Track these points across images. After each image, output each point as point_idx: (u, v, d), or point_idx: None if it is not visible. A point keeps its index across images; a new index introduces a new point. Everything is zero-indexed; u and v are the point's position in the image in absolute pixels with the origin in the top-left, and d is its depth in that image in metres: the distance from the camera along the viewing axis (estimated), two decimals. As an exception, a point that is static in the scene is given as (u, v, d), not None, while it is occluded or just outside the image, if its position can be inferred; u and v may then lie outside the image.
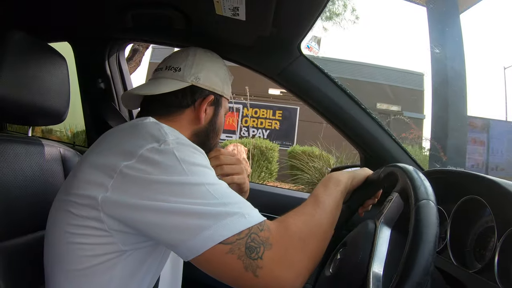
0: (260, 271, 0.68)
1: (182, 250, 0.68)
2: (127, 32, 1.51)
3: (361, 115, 1.36)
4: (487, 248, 0.85)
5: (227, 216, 0.69)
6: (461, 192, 0.95)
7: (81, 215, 0.74)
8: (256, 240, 0.69)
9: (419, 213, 0.60)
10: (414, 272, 0.53)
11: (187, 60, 1.05)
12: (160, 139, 0.77)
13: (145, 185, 0.70)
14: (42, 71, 1.06)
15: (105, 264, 0.77)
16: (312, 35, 1.20)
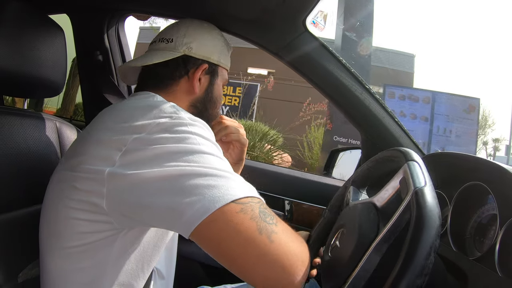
0: (275, 236, 0.65)
1: (187, 216, 0.64)
2: (126, 3, 1.49)
3: (364, 95, 1.34)
4: (487, 236, 0.85)
5: (236, 181, 0.69)
6: (463, 177, 0.94)
7: (84, 189, 0.73)
8: (269, 210, 0.69)
9: (419, 199, 0.60)
10: (419, 253, 0.54)
11: (179, 31, 1.04)
12: (174, 114, 0.76)
13: (154, 156, 0.69)
14: (39, 42, 1.04)
15: (101, 242, 0.76)
16: (318, 10, 1.16)
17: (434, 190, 0.63)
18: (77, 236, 0.76)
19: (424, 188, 0.62)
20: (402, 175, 0.70)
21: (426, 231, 0.55)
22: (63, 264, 0.80)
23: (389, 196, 0.73)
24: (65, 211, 0.76)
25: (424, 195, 0.60)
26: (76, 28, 1.65)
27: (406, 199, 0.64)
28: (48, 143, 1.10)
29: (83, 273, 0.79)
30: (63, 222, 0.77)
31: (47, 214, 0.84)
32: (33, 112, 1.12)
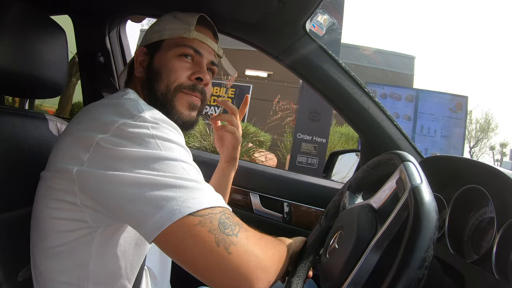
0: (234, 248, 0.66)
1: (148, 225, 0.65)
2: (128, 5, 1.50)
3: (364, 98, 1.35)
4: (485, 239, 0.85)
5: (198, 191, 0.68)
6: (461, 180, 0.95)
7: (59, 188, 0.75)
8: (231, 219, 0.69)
9: (416, 195, 0.61)
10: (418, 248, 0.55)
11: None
12: (136, 114, 0.76)
13: (118, 158, 0.70)
14: (41, 43, 1.05)
15: (80, 240, 0.78)
16: (318, 14, 1.17)
17: (430, 188, 0.64)
18: (58, 235, 0.77)
19: (421, 185, 0.63)
20: (398, 175, 0.71)
21: (425, 224, 0.57)
22: (49, 265, 0.81)
23: (386, 197, 0.74)
24: (45, 211, 0.78)
25: (421, 191, 0.62)
26: (78, 30, 1.65)
27: (403, 197, 0.65)
28: (49, 144, 1.10)
29: (68, 273, 0.81)
30: (44, 221, 0.79)
31: (33, 215, 0.86)
32: (35, 112, 1.12)
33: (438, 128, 6.21)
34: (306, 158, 5.92)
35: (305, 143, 5.94)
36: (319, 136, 5.96)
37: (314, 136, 5.95)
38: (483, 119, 16.90)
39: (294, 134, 6.11)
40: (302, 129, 6.00)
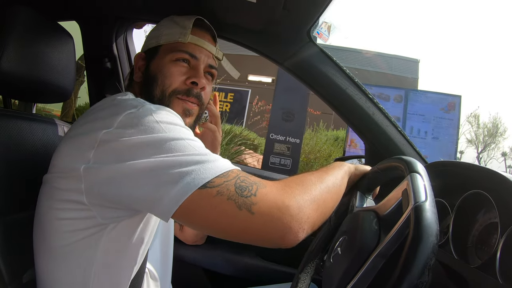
0: (255, 207, 0.66)
1: (164, 203, 0.66)
2: (135, 12, 1.51)
3: (368, 104, 1.35)
4: (489, 244, 0.85)
5: (208, 162, 0.70)
6: (465, 185, 0.95)
7: (64, 188, 0.76)
8: (247, 180, 0.69)
9: (418, 215, 0.61)
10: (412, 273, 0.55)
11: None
12: (138, 105, 0.78)
13: (125, 148, 0.71)
14: (49, 48, 1.06)
15: (88, 239, 0.78)
16: (322, 21, 1.18)
17: (434, 205, 0.64)
18: (63, 235, 0.78)
19: (424, 204, 0.63)
20: (405, 187, 0.71)
21: (422, 249, 0.56)
22: (53, 266, 0.82)
23: (391, 206, 0.75)
24: (49, 212, 0.79)
25: (423, 212, 0.61)
26: (85, 35, 1.67)
27: (406, 213, 0.65)
28: (55, 147, 1.11)
29: (72, 274, 0.81)
30: (48, 223, 0.79)
31: (37, 218, 0.86)
32: (42, 116, 1.14)
33: (429, 129, 5.89)
34: (279, 158, 5.78)
35: (278, 144, 5.80)
36: (292, 136, 5.84)
37: (287, 137, 5.82)
38: (491, 124, 16.68)
39: (267, 134, 5.99)
40: (275, 129, 5.86)
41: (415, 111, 5.93)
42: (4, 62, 0.93)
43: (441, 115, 5.90)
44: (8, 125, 0.97)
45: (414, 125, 5.85)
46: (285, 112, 5.83)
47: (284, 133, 5.82)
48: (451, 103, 5.95)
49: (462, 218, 0.93)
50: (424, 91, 6.53)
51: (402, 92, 6.07)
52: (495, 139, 16.86)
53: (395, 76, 13.67)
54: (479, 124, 16.38)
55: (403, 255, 0.58)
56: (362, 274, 0.66)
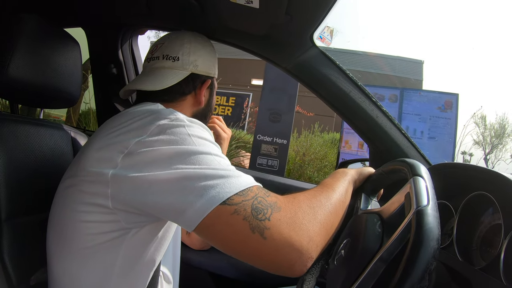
0: (267, 232, 0.67)
1: (189, 215, 0.68)
2: (140, 19, 1.53)
3: (371, 107, 1.36)
4: (493, 245, 0.85)
5: (232, 177, 0.71)
6: (469, 187, 0.95)
7: (90, 192, 0.77)
8: (263, 202, 0.70)
9: (419, 220, 0.62)
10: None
11: (184, 48, 1.09)
12: (172, 117, 0.80)
13: (154, 158, 0.73)
14: (55, 55, 1.08)
15: (110, 243, 0.79)
16: (325, 26, 1.19)
17: (437, 209, 0.64)
18: (86, 238, 0.79)
19: (426, 208, 0.63)
20: (408, 190, 0.71)
21: (422, 255, 0.57)
22: (71, 267, 0.82)
23: (395, 209, 0.75)
24: (73, 215, 0.79)
25: (425, 216, 0.62)
26: (91, 42, 1.69)
27: (408, 216, 0.65)
28: (63, 152, 1.13)
29: (91, 276, 0.82)
30: (71, 226, 0.80)
31: (54, 220, 0.87)
32: (49, 121, 1.15)
33: (425, 129, 5.69)
34: (266, 160, 5.75)
35: (265, 145, 5.82)
36: (280, 137, 5.80)
37: (274, 138, 5.78)
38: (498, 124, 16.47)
39: (254, 135, 6.00)
40: (262, 130, 5.82)
41: (410, 111, 5.78)
42: (12, 69, 0.95)
43: (437, 114, 5.74)
44: (16, 130, 0.99)
45: (410, 125, 5.69)
46: (272, 113, 5.80)
47: (271, 134, 5.80)
48: (448, 101, 5.79)
49: (466, 220, 0.93)
50: (419, 90, 6.44)
51: (397, 91, 5.92)
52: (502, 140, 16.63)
53: (399, 78, 13.55)
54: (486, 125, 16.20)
55: (403, 259, 0.58)
56: (364, 277, 0.66)
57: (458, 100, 5.78)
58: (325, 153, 7.78)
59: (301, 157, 7.74)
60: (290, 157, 7.41)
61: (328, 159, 7.69)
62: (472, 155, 15.73)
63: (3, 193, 0.92)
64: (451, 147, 5.64)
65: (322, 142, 8.30)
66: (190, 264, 1.59)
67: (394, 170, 0.88)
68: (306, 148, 7.83)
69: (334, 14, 1.09)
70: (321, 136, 8.91)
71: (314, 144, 7.97)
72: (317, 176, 7.40)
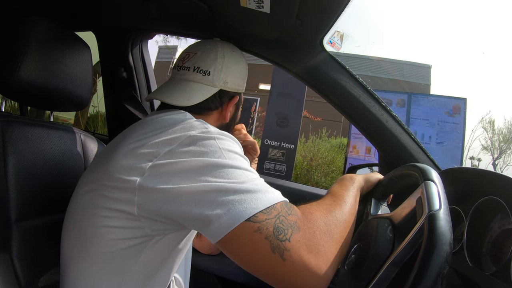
0: (287, 254, 0.67)
1: (214, 227, 0.68)
2: (151, 23, 1.54)
3: (381, 112, 1.35)
4: (503, 251, 0.84)
5: (259, 192, 0.71)
6: (479, 192, 0.94)
7: (115, 198, 0.76)
8: (285, 222, 0.70)
9: (431, 224, 0.62)
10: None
11: (217, 63, 1.06)
12: (203, 129, 0.80)
13: (183, 169, 0.73)
14: (66, 58, 1.09)
15: (132, 249, 0.79)
16: (335, 31, 1.19)
17: (449, 214, 0.64)
18: (108, 243, 0.79)
19: (438, 212, 0.63)
20: (419, 195, 0.71)
21: (435, 259, 0.57)
22: (90, 272, 0.82)
23: (406, 214, 0.75)
24: (94, 219, 0.79)
25: (437, 220, 0.62)
26: (102, 46, 1.71)
27: (420, 221, 0.65)
28: (73, 155, 1.13)
29: (109, 280, 0.82)
30: (92, 230, 0.79)
31: (72, 223, 0.86)
32: (59, 124, 1.16)
33: (433, 134, 5.63)
34: (273, 164, 5.72)
35: (273, 149, 5.79)
36: (287, 142, 5.77)
37: (282, 142, 5.79)
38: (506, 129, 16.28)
39: (262, 140, 5.97)
40: (270, 135, 5.80)
41: (418, 116, 5.74)
42: (23, 71, 0.96)
43: (445, 119, 5.70)
44: (26, 132, 1.00)
45: (418, 129, 5.64)
46: (279, 117, 5.78)
47: (278, 139, 5.77)
48: (456, 106, 5.73)
49: (476, 225, 0.93)
50: (427, 95, 6.34)
51: (404, 96, 5.90)
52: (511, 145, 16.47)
53: (407, 83, 13.53)
54: (494, 130, 16.03)
55: (416, 263, 0.58)
56: (376, 282, 0.66)
57: (466, 105, 5.71)
58: (332, 158, 7.77)
59: (308, 162, 7.73)
60: (297, 162, 7.40)
61: (336, 164, 7.68)
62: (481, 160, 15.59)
63: (13, 195, 0.92)
64: (459, 152, 5.57)
65: (329, 147, 8.29)
66: (199, 268, 1.59)
67: (405, 175, 0.87)
68: (313, 153, 7.83)
69: (344, 19, 1.09)
70: (329, 141, 8.90)
71: (322, 149, 7.96)
72: (325, 181, 7.38)
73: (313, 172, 7.56)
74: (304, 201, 0.83)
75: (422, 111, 5.74)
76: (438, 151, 5.53)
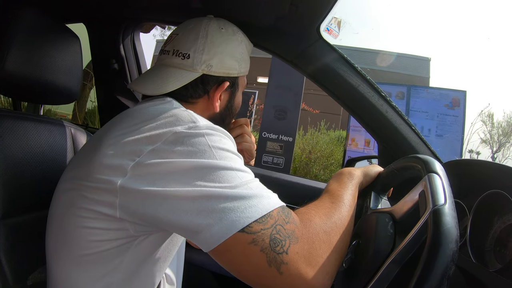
0: (284, 267, 0.63)
1: (205, 237, 0.64)
2: (142, 12, 1.51)
3: (381, 102, 1.32)
4: (508, 247, 0.81)
5: (253, 198, 0.66)
6: (483, 185, 0.91)
7: (95, 199, 0.71)
8: (282, 232, 0.66)
9: (436, 220, 0.58)
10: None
11: (197, 44, 0.95)
12: (190, 123, 0.73)
13: (169, 171, 0.67)
14: (55, 50, 1.06)
15: (115, 250, 0.75)
16: (332, 17, 1.15)
17: (454, 209, 0.61)
18: (89, 244, 0.74)
19: (443, 207, 0.60)
20: (422, 188, 0.68)
21: (441, 258, 0.54)
22: (73, 273, 0.78)
23: (408, 209, 0.72)
24: (74, 219, 0.74)
25: (442, 216, 0.58)
26: (92, 37, 1.68)
27: (423, 216, 0.62)
28: (62, 149, 1.11)
29: (94, 282, 0.78)
30: (72, 230, 0.75)
31: (54, 222, 0.82)
32: (48, 118, 1.13)
33: (433, 126, 5.65)
34: (272, 157, 5.67)
35: (271, 142, 5.73)
36: (285, 134, 5.70)
37: (280, 135, 5.73)
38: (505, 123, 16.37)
39: (260, 133, 5.88)
40: (268, 128, 5.75)
41: (418, 108, 5.77)
42: (10, 63, 0.93)
43: (445, 112, 5.72)
44: (14, 126, 0.97)
45: (417, 122, 5.62)
46: (277, 110, 5.75)
47: (276, 132, 5.75)
48: (455, 98, 5.75)
49: (480, 219, 0.90)
50: (426, 87, 6.42)
51: (404, 88, 5.92)
52: (510, 138, 16.54)
53: (407, 75, 13.59)
54: (493, 123, 16.11)
55: (420, 262, 0.54)
56: (376, 281, 0.63)
57: (466, 98, 5.75)
58: (331, 151, 7.82)
59: (307, 154, 7.76)
60: (296, 154, 7.43)
61: (335, 157, 7.72)
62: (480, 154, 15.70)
63: (1, 191, 0.89)
64: (459, 145, 5.61)
65: (328, 140, 8.34)
66: (192, 264, 1.57)
67: (406, 167, 0.84)
68: (312, 145, 7.86)
69: (341, 5, 1.06)
70: (327, 134, 8.95)
71: (320, 142, 7.99)
72: (323, 174, 7.42)
73: (311, 165, 7.59)
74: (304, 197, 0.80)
75: (421, 103, 5.77)
76: (438, 143, 5.51)
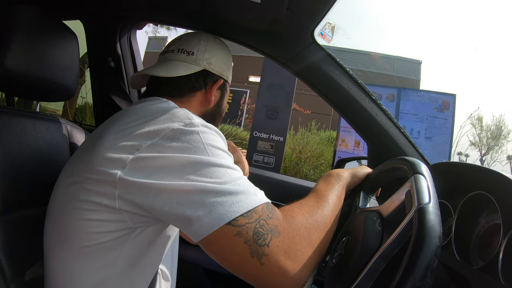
0: (265, 258, 0.67)
1: (195, 228, 0.68)
2: (139, 11, 1.51)
3: (371, 105, 1.35)
4: (491, 246, 0.85)
5: (241, 193, 0.71)
6: (468, 187, 0.94)
7: (96, 191, 0.75)
8: (265, 226, 0.70)
9: (421, 218, 0.61)
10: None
11: (200, 45, 1.10)
12: (186, 120, 0.78)
13: (165, 165, 0.71)
14: (52, 47, 1.07)
15: (113, 242, 0.78)
16: (326, 22, 1.18)
17: (438, 207, 0.64)
18: (89, 236, 0.77)
19: (427, 206, 0.63)
20: (408, 188, 0.71)
21: (425, 252, 0.56)
22: (71, 265, 0.80)
23: (395, 207, 0.75)
24: (76, 212, 0.77)
25: (426, 214, 0.62)
26: (89, 35, 1.68)
27: (409, 214, 0.65)
28: (59, 146, 1.11)
29: (91, 274, 0.80)
30: (73, 223, 0.78)
31: (54, 216, 0.85)
32: (45, 114, 1.14)
33: (422, 129, 5.73)
34: (262, 156, 5.76)
35: (262, 141, 5.85)
36: (276, 134, 5.83)
37: (271, 134, 5.84)
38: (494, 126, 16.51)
39: (251, 132, 6.01)
40: (259, 127, 5.90)
41: (407, 110, 5.82)
42: (8, 60, 0.94)
43: (434, 114, 5.77)
44: (11, 123, 0.97)
45: (407, 124, 5.74)
46: (269, 109, 5.81)
47: (268, 131, 5.82)
48: (445, 102, 5.81)
49: (464, 219, 0.93)
50: (416, 90, 6.40)
51: (394, 91, 5.96)
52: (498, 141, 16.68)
53: (398, 78, 13.66)
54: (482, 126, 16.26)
55: (405, 257, 0.57)
56: (365, 275, 0.66)
57: (455, 101, 5.79)
58: (321, 151, 7.83)
59: (297, 154, 7.77)
60: (286, 154, 7.43)
61: (325, 157, 7.74)
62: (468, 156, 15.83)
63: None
64: (448, 147, 5.65)
65: (318, 140, 8.35)
66: (186, 260, 1.58)
67: (394, 168, 0.87)
68: (302, 145, 7.88)
69: (335, 11, 1.09)
70: (318, 134, 8.96)
71: (311, 142, 8.00)
72: (313, 174, 7.43)
73: (302, 165, 7.60)
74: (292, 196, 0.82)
75: (411, 106, 5.81)
76: (427, 146, 5.58)
